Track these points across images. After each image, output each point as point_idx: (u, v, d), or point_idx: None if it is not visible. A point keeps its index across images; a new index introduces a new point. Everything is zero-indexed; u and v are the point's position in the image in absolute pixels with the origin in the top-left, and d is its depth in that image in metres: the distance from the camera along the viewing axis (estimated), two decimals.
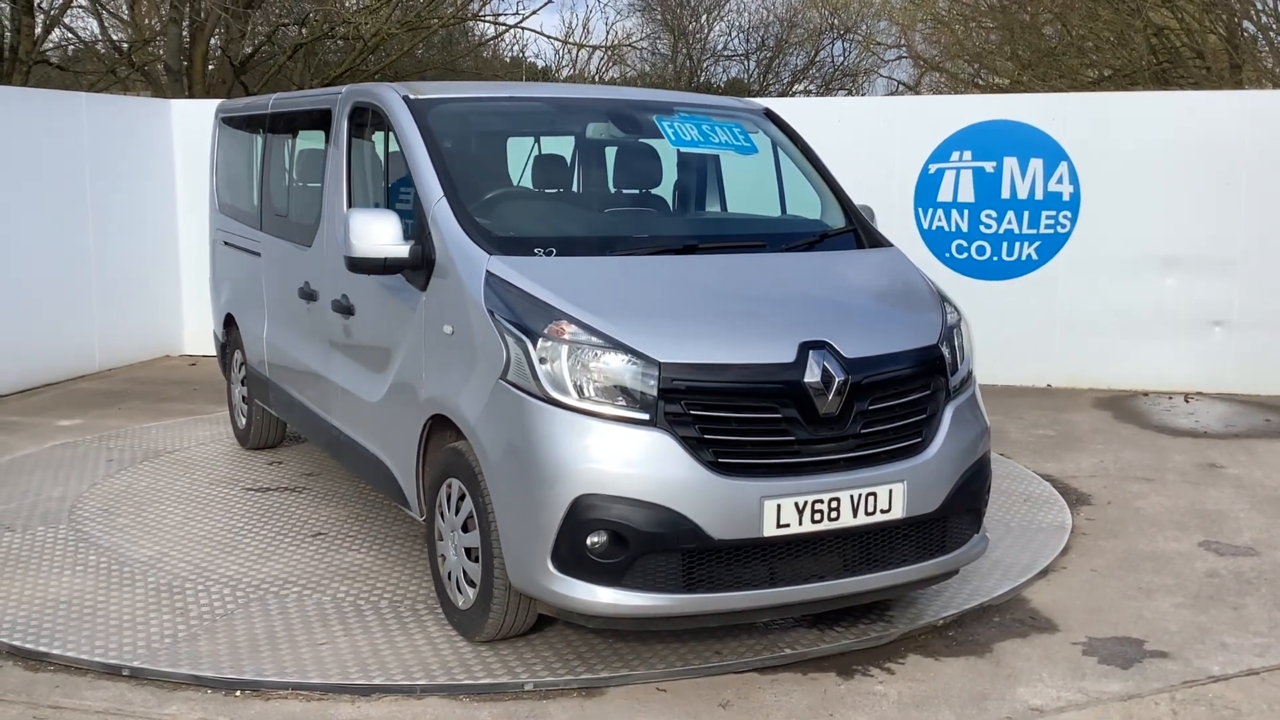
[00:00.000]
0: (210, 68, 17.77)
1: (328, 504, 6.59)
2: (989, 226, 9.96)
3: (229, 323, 7.88)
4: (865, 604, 4.95)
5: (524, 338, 4.26)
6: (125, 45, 18.77)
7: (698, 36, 29.91)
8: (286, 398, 6.82)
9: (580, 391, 4.16)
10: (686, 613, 4.22)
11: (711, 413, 4.16)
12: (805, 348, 4.29)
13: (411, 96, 5.32)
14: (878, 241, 5.43)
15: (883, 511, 4.33)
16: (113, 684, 4.36)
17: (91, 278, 10.38)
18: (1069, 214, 9.81)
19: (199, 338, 11.50)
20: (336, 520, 6.30)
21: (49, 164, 9.89)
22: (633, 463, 4.09)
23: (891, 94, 26.30)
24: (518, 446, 4.23)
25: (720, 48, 30.50)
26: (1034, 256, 9.91)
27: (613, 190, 6.03)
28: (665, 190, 5.92)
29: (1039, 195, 9.84)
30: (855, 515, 4.28)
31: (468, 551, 4.64)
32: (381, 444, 5.44)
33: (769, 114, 6.03)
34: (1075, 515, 6.43)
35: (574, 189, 5.96)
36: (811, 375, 4.24)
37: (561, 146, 6.20)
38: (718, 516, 4.10)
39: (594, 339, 4.21)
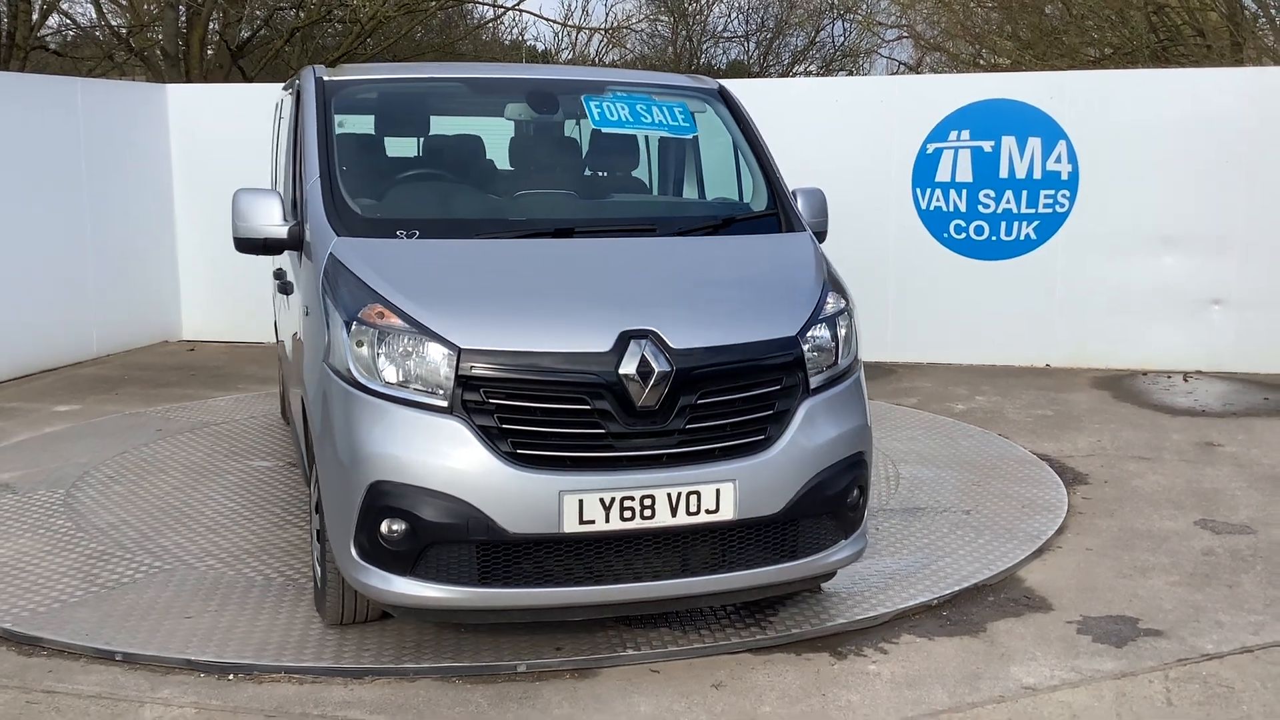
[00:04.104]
0: (208, 52, 17.72)
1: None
2: (987, 206, 9.93)
3: None
4: (857, 591, 4.95)
5: (342, 321, 4.21)
6: (123, 30, 18.71)
7: (697, 18, 29.81)
8: (282, 374, 7.04)
9: (385, 377, 4.09)
10: (483, 607, 4.10)
11: (511, 401, 4.01)
12: (626, 336, 4.08)
13: (325, 78, 5.31)
14: (793, 226, 5.11)
15: (709, 512, 4.09)
16: (105, 668, 4.36)
17: (88, 263, 10.37)
18: (1067, 193, 9.77)
19: (196, 323, 11.54)
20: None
21: (44, 149, 9.86)
22: (425, 451, 3.98)
23: (893, 74, 26.19)
24: (331, 430, 4.19)
25: (720, 29, 30.42)
26: (1032, 236, 9.88)
27: (528, 172, 5.77)
28: (594, 171, 5.78)
29: (1037, 174, 9.80)
30: (675, 515, 4.06)
31: (318, 533, 4.63)
32: (296, 421, 5.52)
33: (722, 93, 5.74)
34: (1072, 494, 6.42)
35: (479, 171, 5.69)
36: (628, 366, 4.03)
37: (477, 127, 6.02)
38: (512, 510, 3.96)
39: (402, 324, 4.11)
